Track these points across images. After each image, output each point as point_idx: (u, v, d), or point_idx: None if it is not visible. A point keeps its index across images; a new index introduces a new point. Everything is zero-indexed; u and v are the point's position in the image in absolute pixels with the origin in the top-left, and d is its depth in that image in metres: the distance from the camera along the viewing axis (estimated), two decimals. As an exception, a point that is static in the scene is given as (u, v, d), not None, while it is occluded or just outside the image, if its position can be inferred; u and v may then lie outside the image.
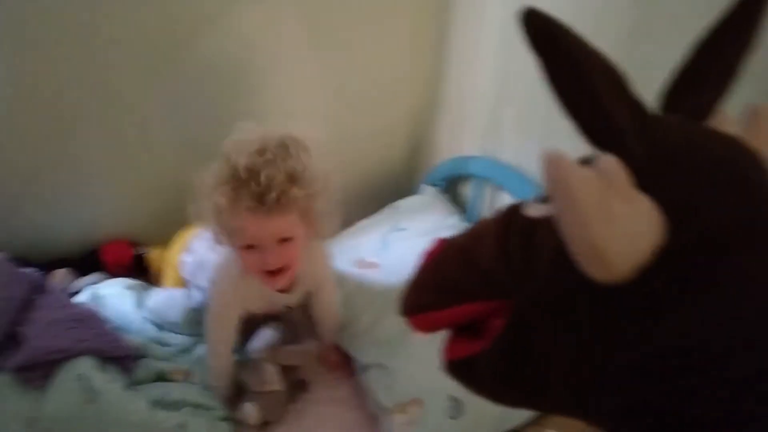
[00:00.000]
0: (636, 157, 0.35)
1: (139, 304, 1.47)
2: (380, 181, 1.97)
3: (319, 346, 1.35)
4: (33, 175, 1.51)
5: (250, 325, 1.33)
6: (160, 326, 1.44)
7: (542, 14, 0.34)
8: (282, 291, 1.22)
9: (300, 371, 1.34)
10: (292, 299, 1.29)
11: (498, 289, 0.44)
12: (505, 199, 1.53)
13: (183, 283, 1.48)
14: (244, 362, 1.30)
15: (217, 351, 1.25)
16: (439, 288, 0.49)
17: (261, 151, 1.01)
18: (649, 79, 0.46)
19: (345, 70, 1.73)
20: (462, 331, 0.51)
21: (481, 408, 1.15)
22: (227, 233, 1.07)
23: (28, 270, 1.35)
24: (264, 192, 0.98)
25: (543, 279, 0.39)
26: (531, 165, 1.46)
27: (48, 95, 1.39)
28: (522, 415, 1.19)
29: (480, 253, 0.46)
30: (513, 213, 0.45)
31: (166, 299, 1.44)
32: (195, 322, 1.39)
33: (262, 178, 0.98)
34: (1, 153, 1.44)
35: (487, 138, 1.63)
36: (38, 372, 1.11)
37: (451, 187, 1.83)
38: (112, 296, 1.48)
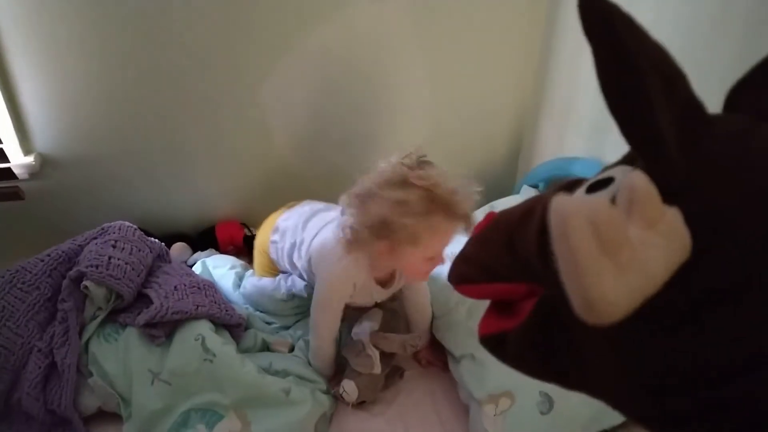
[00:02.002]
0: (675, 168, 0.32)
1: (236, 285, 1.56)
2: (481, 180, 1.97)
3: (417, 338, 1.38)
4: (147, 159, 1.66)
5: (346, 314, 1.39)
6: (256, 308, 1.53)
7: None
8: (384, 286, 1.31)
9: (397, 359, 1.39)
10: (389, 294, 1.36)
11: (533, 275, 0.43)
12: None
13: (271, 266, 1.52)
14: (349, 343, 1.35)
15: (321, 335, 1.30)
16: (480, 264, 0.50)
17: (456, 182, 1.11)
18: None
19: (451, 69, 1.76)
20: (500, 306, 0.52)
21: (572, 406, 1.13)
22: (404, 246, 1.11)
23: (154, 239, 1.48)
24: (467, 220, 1.11)
25: None
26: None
27: (169, 82, 1.53)
28: (614, 418, 1.15)
29: (521, 238, 0.45)
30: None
31: (256, 290, 1.51)
32: (288, 310, 1.48)
33: (466, 208, 1.11)
34: (121, 140, 1.60)
35: (593, 139, 1.60)
36: (161, 330, 1.23)
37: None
38: (216, 273, 1.59)
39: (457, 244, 0.99)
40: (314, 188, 1.81)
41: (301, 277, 1.43)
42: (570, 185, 0.46)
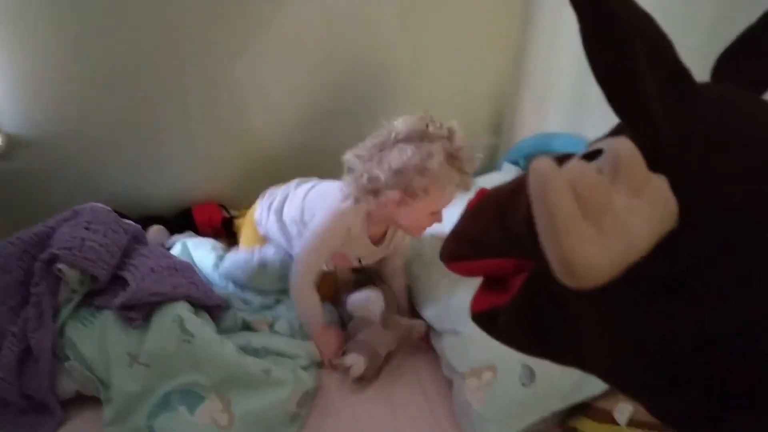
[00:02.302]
0: (661, 135, 0.32)
1: (216, 266, 1.55)
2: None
3: (421, 325, 1.40)
4: (121, 139, 1.62)
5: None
6: (238, 286, 1.52)
7: None
8: (377, 244, 1.36)
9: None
10: (378, 255, 1.41)
11: (523, 249, 0.43)
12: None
13: (256, 236, 1.54)
14: (358, 318, 1.38)
15: (304, 282, 1.32)
16: (472, 240, 0.50)
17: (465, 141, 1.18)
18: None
19: (432, 49, 1.75)
20: (492, 283, 0.52)
21: (553, 377, 1.15)
22: (416, 196, 1.17)
23: (129, 221, 1.45)
24: (469, 174, 1.19)
25: None
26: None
27: (141, 62, 1.49)
28: (594, 387, 1.17)
29: (512, 213, 0.45)
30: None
31: (232, 264, 1.51)
32: (265, 282, 1.48)
33: (471, 163, 1.19)
34: (92, 120, 1.56)
35: (571, 114, 1.60)
36: (138, 312, 1.20)
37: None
38: (196, 255, 1.58)
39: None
40: (293, 168, 1.78)
41: (283, 240, 1.45)
42: (559, 160, 0.45)
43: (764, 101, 0.37)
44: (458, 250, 0.53)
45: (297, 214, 1.37)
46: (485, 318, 0.51)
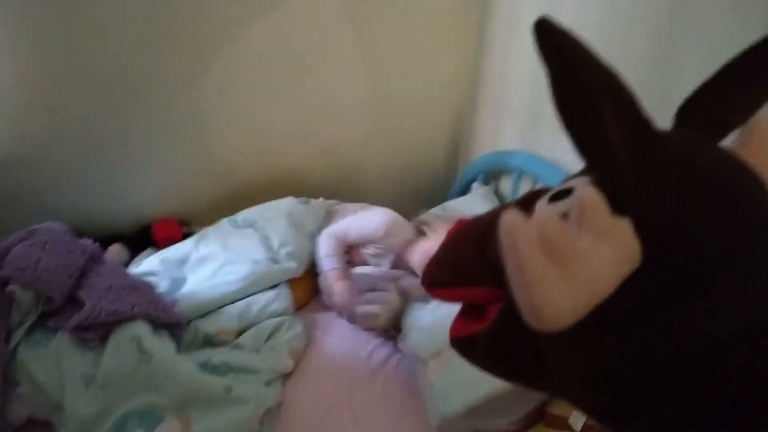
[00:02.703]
0: (623, 176, 0.35)
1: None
2: (423, 175, 2.01)
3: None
4: (77, 158, 1.59)
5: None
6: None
7: (553, 24, 0.34)
8: None
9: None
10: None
11: (500, 279, 0.44)
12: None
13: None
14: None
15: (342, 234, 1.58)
16: (452, 267, 0.52)
17: None
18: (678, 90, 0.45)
19: (387, 67, 1.79)
20: (471, 310, 0.54)
21: None
22: None
23: (86, 240, 1.42)
24: None
25: None
26: (567, 158, 1.48)
27: (100, 79, 1.48)
28: None
29: (490, 246, 0.46)
30: (528, 203, 0.44)
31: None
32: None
33: None
34: (48, 139, 1.53)
35: (526, 132, 1.66)
36: (94, 333, 1.18)
37: (492, 181, 1.86)
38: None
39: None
40: (253, 182, 1.79)
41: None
42: (535, 195, 0.47)
43: (719, 147, 0.40)
44: (439, 278, 0.54)
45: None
46: (464, 344, 0.52)
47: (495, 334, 0.46)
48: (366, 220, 1.59)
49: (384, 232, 1.54)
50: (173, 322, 1.29)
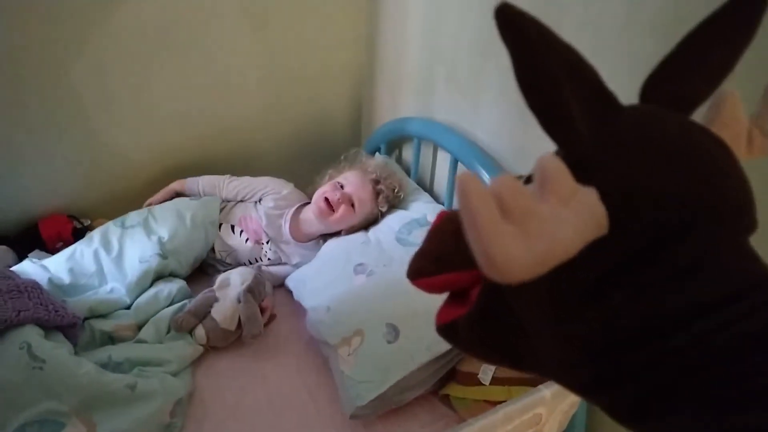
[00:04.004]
0: (585, 146, 0.35)
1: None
2: (327, 147, 2.00)
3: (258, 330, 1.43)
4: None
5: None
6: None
7: (513, 7, 0.34)
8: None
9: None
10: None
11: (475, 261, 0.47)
12: (445, 158, 1.59)
13: None
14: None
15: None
16: (433, 255, 0.52)
17: None
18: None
19: (281, 40, 1.74)
20: (454, 297, 0.55)
21: (417, 330, 1.22)
22: None
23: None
24: None
25: None
26: (462, 123, 1.53)
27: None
28: None
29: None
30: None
31: None
32: None
33: None
34: None
35: (421, 99, 1.68)
36: (-21, 344, 1.10)
37: (395, 149, 1.88)
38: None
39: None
40: (145, 167, 1.71)
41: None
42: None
43: (684, 117, 0.41)
44: (421, 267, 0.54)
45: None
46: (449, 330, 0.53)
47: (475, 314, 0.45)
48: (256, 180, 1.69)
49: (275, 183, 1.66)
50: (66, 324, 1.22)
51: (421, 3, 1.58)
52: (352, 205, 1.54)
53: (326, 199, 1.54)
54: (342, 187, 1.56)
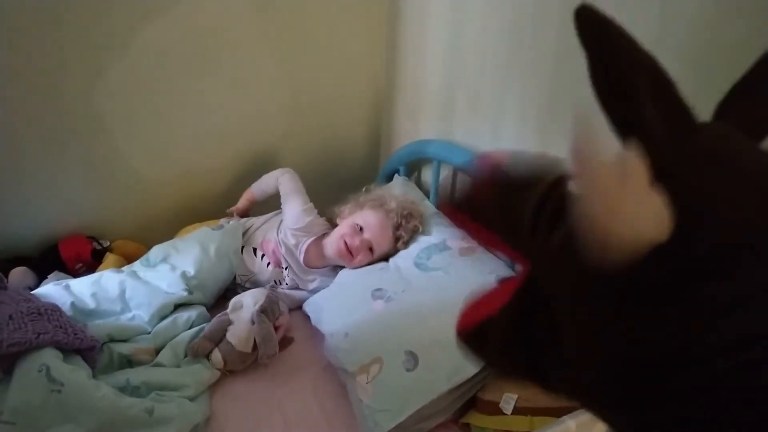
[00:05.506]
0: (661, 154, 0.34)
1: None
2: (346, 168, 2.00)
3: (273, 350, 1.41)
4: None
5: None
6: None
7: (594, 10, 0.34)
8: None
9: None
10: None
11: (523, 245, 0.44)
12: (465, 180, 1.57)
13: None
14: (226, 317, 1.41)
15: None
16: (473, 204, 0.51)
17: None
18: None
19: (301, 62, 1.76)
20: (480, 298, 0.53)
21: (436, 359, 1.19)
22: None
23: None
24: None
25: (553, 258, 0.39)
26: (482, 145, 1.52)
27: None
28: (474, 367, 1.20)
29: (520, 207, 0.45)
30: (559, 181, 0.43)
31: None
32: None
33: None
34: None
35: (442, 121, 1.68)
36: (-1, 366, 1.10)
37: (414, 171, 1.87)
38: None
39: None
40: (164, 188, 1.72)
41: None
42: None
43: (757, 144, 0.39)
44: (465, 206, 0.52)
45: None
46: (475, 337, 0.51)
47: (511, 313, 0.44)
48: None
49: (307, 211, 1.64)
50: (85, 347, 1.22)
51: (441, 26, 1.58)
52: (371, 249, 1.55)
53: (345, 243, 1.54)
54: (361, 229, 1.55)
